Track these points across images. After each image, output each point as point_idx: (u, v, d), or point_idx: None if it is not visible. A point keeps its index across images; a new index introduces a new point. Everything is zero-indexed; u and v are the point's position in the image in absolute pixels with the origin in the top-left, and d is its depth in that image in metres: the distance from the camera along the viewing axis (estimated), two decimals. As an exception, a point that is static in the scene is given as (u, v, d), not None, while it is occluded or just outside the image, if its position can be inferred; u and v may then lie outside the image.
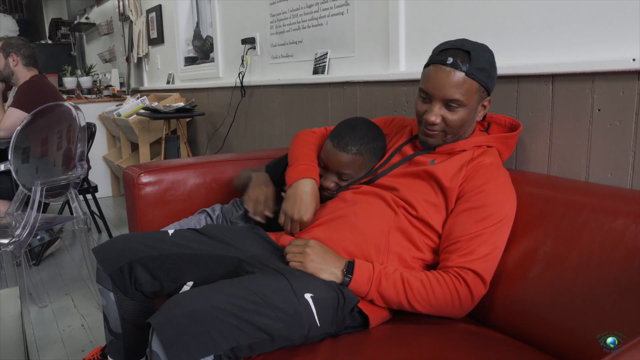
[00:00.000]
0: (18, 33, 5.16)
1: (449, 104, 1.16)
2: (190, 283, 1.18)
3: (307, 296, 1.01)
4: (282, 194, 1.35)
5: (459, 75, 1.13)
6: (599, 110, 1.19)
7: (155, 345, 0.90)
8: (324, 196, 1.34)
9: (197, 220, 1.57)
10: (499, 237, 1.11)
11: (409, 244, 1.16)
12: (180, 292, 1.13)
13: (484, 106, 1.21)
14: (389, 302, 1.08)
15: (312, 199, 1.26)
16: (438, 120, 1.17)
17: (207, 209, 1.62)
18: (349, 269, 1.08)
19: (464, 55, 1.14)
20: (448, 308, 1.07)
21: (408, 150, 1.28)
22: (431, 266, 1.18)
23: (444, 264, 1.11)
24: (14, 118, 2.51)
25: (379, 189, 1.22)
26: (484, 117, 1.26)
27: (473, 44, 1.17)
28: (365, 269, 1.08)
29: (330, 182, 1.33)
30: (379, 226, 1.17)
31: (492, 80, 1.18)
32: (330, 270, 1.08)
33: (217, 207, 1.62)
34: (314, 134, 1.46)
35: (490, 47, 1.19)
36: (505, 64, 1.24)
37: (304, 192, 1.26)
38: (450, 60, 1.14)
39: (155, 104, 3.40)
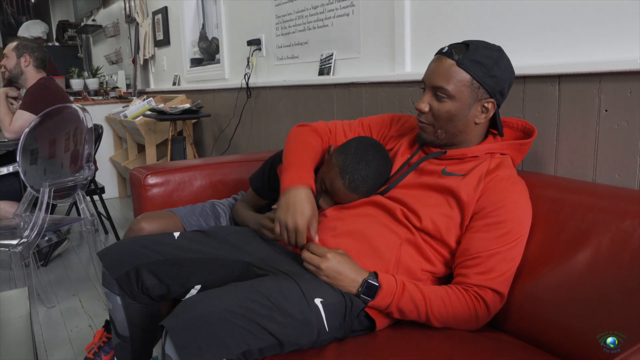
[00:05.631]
0: (46, 37, 5.28)
1: (437, 93, 1.13)
2: (198, 287, 1.18)
3: (317, 301, 1.00)
4: (274, 207, 1.25)
5: (449, 62, 1.11)
6: (605, 110, 1.18)
7: (169, 348, 0.90)
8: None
9: (201, 209, 1.57)
10: (517, 252, 1.09)
11: (420, 257, 1.14)
12: (192, 295, 1.13)
13: (485, 108, 1.13)
14: (406, 317, 1.07)
15: (308, 205, 1.14)
16: (425, 108, 1.15)
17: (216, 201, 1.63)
18: (368, 289, 1.04)
19: (462, 47, 1.12)
20: (465, 324, 1.07)
21: (418, 156, 1.24)
22: (440, 278, 1.17)
23: (462, 279, 1.09)
24: (23, 120, 2.53)
25: (389, 202, 1.18)
26: (494, 123, 1.19)
27: (481, 43, 1.13)
28: (386, 288, 1.04)
29: (328, 206, 1.27)
30: (390, 240, 1.14)
31: (493, 79, 1.10)
32: (345, 289, 1.05)
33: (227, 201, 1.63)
34: (313, 133, 1.34)
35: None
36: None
37: (298, 199, 1.14)
38: (446, 49, 1.13)
39: (161, 106, 3.42)
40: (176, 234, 1.26)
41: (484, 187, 1.12)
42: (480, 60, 1.10)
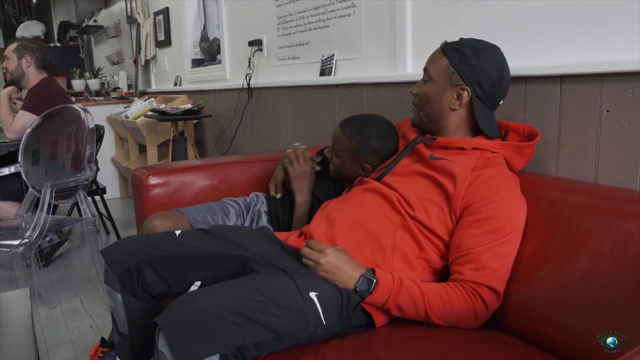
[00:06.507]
0: (43, 36, 5.33)
1: (424, 75, 1.25)
2: (198, 283, 1.19)
3: (312, 295, 1.01)
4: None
5: (438, 50, 1.24)
6: (607, 111, 1.18)
7: (162, 344, 0.91)
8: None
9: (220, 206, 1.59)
10: (510, 248, 1.10)
11: (414, 244, 1.16)
12: (188, 292, 1.14)
13: (460, 95, 1.19)
14: (405, 314, 1.07)
15: None
16: (415, 90, 1.29)
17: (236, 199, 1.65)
18: (365, 285, 1.05)
19: (456, 40, 1.23)
20: (464, 322, 1.07)
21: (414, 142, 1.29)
22: (439, 271, 1.18)
23: (457, 277, 1.10)
24: (24, 121, 2.53)
25: (386, 188, 1.22)
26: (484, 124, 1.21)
27: (477, 39, 1.22)
28: (383, 284, 1.05)
29: (329, 152, 1.50)
30: (386, 225, 1.17)
31: (469, 67, 1.17)
32: (343, 285, 1.06)
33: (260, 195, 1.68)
34: None
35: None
36: (512, 65, 1.24)
37: None
38: (445, 41, 1.24)
39: (162, 106, 3.42)
40: (177, 232, 1.27)
41: (470, 182, 1.14)
42: (460, 49, 1.19)
